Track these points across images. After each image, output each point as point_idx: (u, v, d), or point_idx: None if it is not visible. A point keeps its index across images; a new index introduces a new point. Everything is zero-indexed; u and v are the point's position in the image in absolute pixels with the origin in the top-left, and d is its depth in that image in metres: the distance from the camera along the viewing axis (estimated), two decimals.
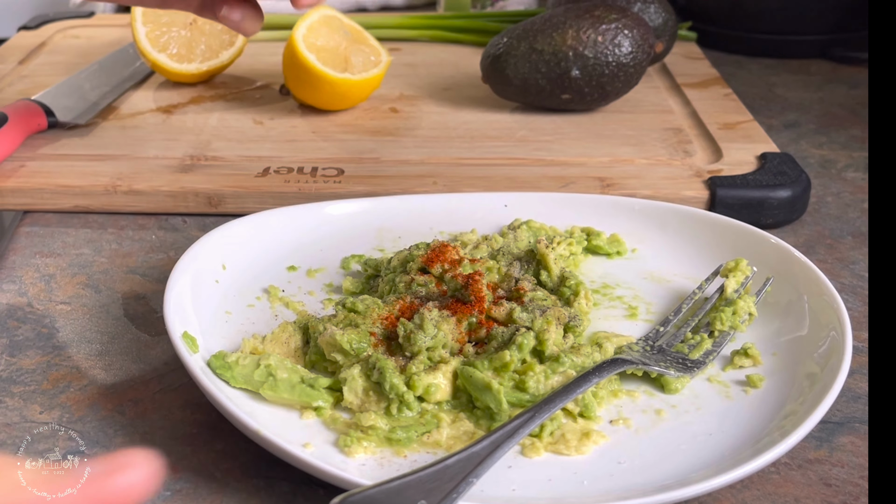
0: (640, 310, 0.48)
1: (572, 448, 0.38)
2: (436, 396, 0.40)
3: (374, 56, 0.71)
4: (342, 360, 0.42)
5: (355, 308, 0.45)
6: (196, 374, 0.39)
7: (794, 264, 0.47)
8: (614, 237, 0.52)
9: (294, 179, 0.60)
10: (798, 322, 0.45)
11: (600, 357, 0.42)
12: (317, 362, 0.43)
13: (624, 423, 0.40)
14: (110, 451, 0.40)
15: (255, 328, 0.46)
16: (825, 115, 0.76)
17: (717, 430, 0.39)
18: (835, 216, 0.61)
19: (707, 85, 0.77)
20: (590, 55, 0.66)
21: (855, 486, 0.38)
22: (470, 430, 0.39)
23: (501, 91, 0.70)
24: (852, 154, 0.69)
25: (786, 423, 0.38)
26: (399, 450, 0.39)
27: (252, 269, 0.50)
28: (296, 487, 0.38)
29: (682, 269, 0.51)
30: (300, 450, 0.37)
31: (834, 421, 0.42)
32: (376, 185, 0.59)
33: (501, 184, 0.59)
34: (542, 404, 0.38)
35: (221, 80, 0.78)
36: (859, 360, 0.46)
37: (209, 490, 0.38)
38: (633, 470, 0.37)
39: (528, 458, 0.38)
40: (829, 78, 0.84)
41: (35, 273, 0.53)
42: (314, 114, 0.71)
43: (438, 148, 0.65)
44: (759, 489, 0.38)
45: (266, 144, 0.66)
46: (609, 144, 0.65)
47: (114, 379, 0.44)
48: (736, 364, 0.43)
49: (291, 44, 0.68)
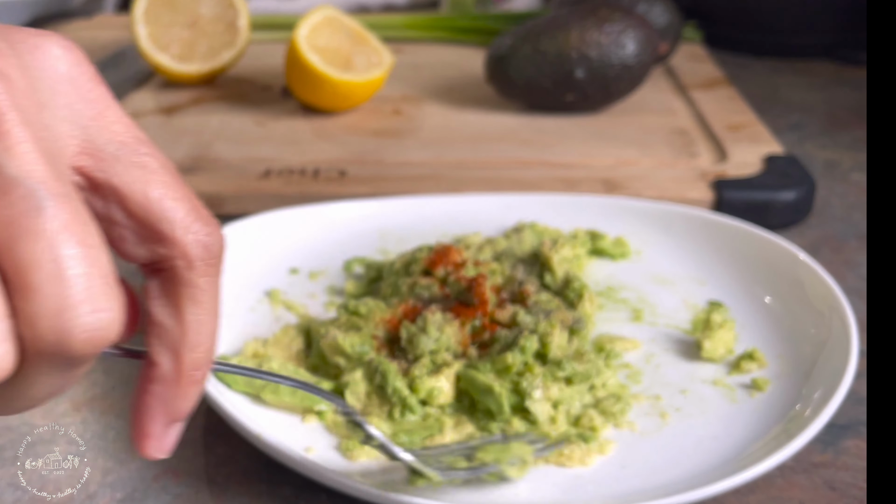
0: (645, 312, 0.47)
1: (576, 461, 0.38)
2: (438, 400, 0.40)
3: (376, 57, 0.71)
4: (344, 364, 0.42)
5: (357, 311, 0.44)
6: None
7: (799, 267, 0.47)
8: (619, 239, 0.52)
9: (296, 181, 0.60)
10: (803, 325, 0.45)
11: (602, 364, 0.42)
12: (319, 366, 0.43)
13: (629, 426, 0.40)
14: (109, 455, 0.40)
15: (256, 331, 0.46)
16: (830, 117, 0.76)
17: (723, 434, 0.39)
18: (839, 218, 0.60)
19: (712, 86, 0.76)
20: (594, 56, 0.66)
21: (860, 489, 0.38)
22: (473, 434, 0.39)
23: (505, 92, 0.70)
24: (857, 156, 0.69)
25: (791, 426, 0.38)
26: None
27: (253, 272, 0.50)
28: (298, 492, 0.37)
29: (687, 272, 0.50)
30: (302, 454, 0.37)
31: (839, 424, 0.42)
32: (379, 187, 0.59)
33: (505, 185, 0.59)
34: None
35: (223, 80, 0.78)
36: (865, 363, 0.46)
37: (210, 494, 0.37)
38: (637, 474, 0.37)
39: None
40: (834, 79, 0.84)
41: None
42: (316, 115, 0.71)
43: (441, 149, 0.65)
44: (764, 493, 0.38)
45: (268, 146, 0.66)
46: (613, 146, 0.65)
47: (114, 382, 0.44)
48: (742, 368, 0.43)
49: (293, 44, 0.68)
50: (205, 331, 0.28)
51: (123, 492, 0.38)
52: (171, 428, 0.29)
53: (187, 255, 0.27)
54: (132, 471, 0.39)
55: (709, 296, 0.48)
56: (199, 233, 0.27)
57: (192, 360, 0.28)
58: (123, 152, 0.26)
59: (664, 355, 0.44)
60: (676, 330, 0.46)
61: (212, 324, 0.28)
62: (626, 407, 0.40)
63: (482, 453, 0.36)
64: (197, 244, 0.27)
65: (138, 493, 0.38)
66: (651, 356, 0.44)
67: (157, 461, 0.39)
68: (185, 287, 0.27)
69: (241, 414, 0.38)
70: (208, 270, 0.28)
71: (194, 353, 0.28)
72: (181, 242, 0.27)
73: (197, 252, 0.27)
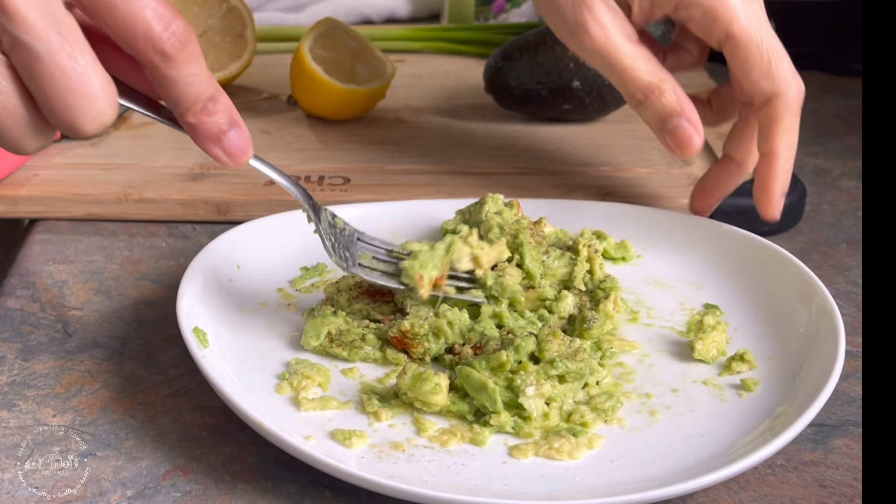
0: (642, 314, 0.49)
1: (565, 454, 0.39)
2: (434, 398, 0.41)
3: (379, 67, 0.72)
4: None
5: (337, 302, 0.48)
6: (204, 368, 0.40)
7: (790, 270, 0.48)
8: (623, 243, 0.53)
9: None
10: (794, 326, 0.46)
11: (597, 363, 0.43)
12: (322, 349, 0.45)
13: (618, 423, 0.41)
14: (121, 453, 0.41)
15: (267, 323, 0.47)
16: (820, 125, 0.77)
17: (710, 431, 0.40)
18: (829, 223, 0.61)
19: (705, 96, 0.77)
20: (590, 67, 0.67)
21: (849, 487, 0.39)
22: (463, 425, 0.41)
23: (503, 102, 0.71)
24: (847, 163, 0.70)
25: (777, 423, 0.39)
26: (398, 444, 0.40)
27: (265, 270, 0.51)
28: (303, 488, 0.38)
29: (683, 275, 0.52)
30: (302, 441, 0.38)
31: (829, 424, 0.42)
32: (381, 194, 0.60)
33: (504, 192, 0.60)
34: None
35: (230, 90, 0.79)
36: (854, 365, 0.47)
37: (218, 491, 0.38)
38: (624, 468, 0.38)
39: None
40: (824, 89, 0.85)
41: (48, 279, 0.54)
42: (321, 124, 0.72)
43: (442, 157, 0.66)
44: (756, 490, 0.39)
45: (274, 153, 0.67)
46: (609, 154, 0.66)
47: (125, 383, 0.45)
48: (732, 369, 0.44)
49: (299, 55, 0.69)
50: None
51: (134, 489, 0.38)
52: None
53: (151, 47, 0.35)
54: (143, 469, 0.40)
55: (705, 299, 0.49)
56: (166, 29, 0.35)
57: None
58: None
59: (658, 356, 0.45)
60: (671, 331, 0.47)
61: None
62: (617, 404, 0.41)
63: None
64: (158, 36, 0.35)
65: (149, 490, 0.38)
66: (645, 356, 0.45)
67: (168, 459, 0.40)
68: (158, 75, 0.36)
69: (244, 404, 0.39)
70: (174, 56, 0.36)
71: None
72: (141, 37, 0.35)
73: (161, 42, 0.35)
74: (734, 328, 0.47)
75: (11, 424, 0.42)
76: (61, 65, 0.33)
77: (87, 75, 0.34)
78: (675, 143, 0.49)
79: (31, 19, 0.33)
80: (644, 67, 0.49)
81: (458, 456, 0.39)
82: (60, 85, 0.34)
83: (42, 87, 0.34)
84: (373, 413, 0.41)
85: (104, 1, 0.34)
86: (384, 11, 0.99)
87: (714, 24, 0.48)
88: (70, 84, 0.34)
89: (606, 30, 0.48)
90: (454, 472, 0.38)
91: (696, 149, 0.49)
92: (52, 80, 0.34)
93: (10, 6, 0.32)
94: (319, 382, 0.43)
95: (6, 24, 0.33)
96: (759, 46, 0.48)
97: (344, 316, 0.47)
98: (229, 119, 0.38)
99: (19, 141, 0.36)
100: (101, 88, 0.35)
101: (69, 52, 0.34)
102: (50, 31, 0.33)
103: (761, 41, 0.48)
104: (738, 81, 0.50)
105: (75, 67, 0.34)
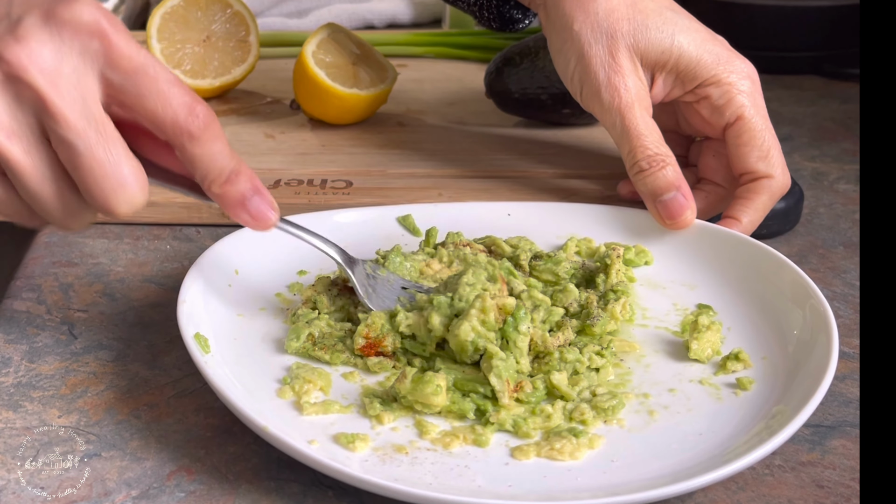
0: (637, 315, 0.49)
1: (566, 454, 0.39)
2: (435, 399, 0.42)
3: (381, 72, 0.72)
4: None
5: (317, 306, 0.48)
6: (207, 373, 0.41)
7: (785, 273, 0.49)
8: (638, 248, 0.53)
9: (304, 191, 0.62)
10: (789, 327, 0.46)
11: (586, 360, 0.44)
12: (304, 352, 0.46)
13: (618, 423, 0.41)
14: (126, 453, 0.41)
15: (268, 326, 0.47)
16: (817, 129, 0.78)
17: (707, 430, 0.40)
18: (827, 227, 0.62)
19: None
20: None
21: (846, 487, 0.39)
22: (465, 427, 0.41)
23: (504, 106, 0.72)
24: (844, 167, 0.71)
25: (773, 422, 0.39)
26: (400, 447, 0.40)
27: (263, 274, 0.51)
28: (305, 489, 0.39)
29: (679, 277, 0.52)
30: (306, 445, 0.38)
31: (826, 425, 0.43)
32: (383, 197, 0.61)
33: (504, 196, 0.61)
34: None
35: (234, 95, 0.80)
36: (851, 366, 0.47)
37: (222, 491, 0.39)
38: (625, 467, 0.39)
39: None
40: (822, 93, 0.85)
41: (54, 282, 0.54)
42: (324, 128, 0.72)
43: (444, 161, 0.67)
44: (754, 490, 0.39)
45: (277, 157, 0.67)
46: (609, 158, 0.67)
47: (129, 384, 0.45)
48: (728, 369, 0.44)
49: (301, 60, 0.70)
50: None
51: (139, 489, 0.39)
52: None
53: (175, 130, 0.40)
54: (147, 469, 0.40)
55: (698, 299, 0.50)
56: (184, 115, 0.40)
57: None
58: (130, 81, 0.40)
59: (654, 356, 0.46)
60: (666, 332, 0.48)
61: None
62: (619, 404, 0.42)
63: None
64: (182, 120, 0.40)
65: (153, 490, 0.39)
66: (641, 356, 0.46)
67: (172, 460, 0.41)
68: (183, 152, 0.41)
69: (247, 408, 0.39)
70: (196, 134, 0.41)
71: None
72: (170, 124, 0.40)
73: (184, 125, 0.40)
74: (727, 328, 0.47)
75: (17, 425, 0.42)
76: (98, 157, 0.39)
77: (119, 164, 0.39)
78: (667, 213, 0.53)
79: (73, 119, 0.38)
80: (654, 139, 0.54)
81: (460, 458, 0.39)
82: (97, 174, 0.39)
83: (82, 177, 0.39)
84: (375, 416, 0.41)
85: (138, 97, 0.40)
86: (386, 17, 1.00)
87: (728, 106, 0.54)
88: (105, 173, 0.39)
89: (631, 95, 0.54)
90: (457, 474, 0.38)
91: (687, 222, 0.53)
92: (90, 170, 0.39)
93: (55, 109, 0.38)
94: (321, 386, 0.43)
95: (52, 125, 0.38)
96: (763, 133, 0.54)
97: (327, 319, 0.47)
98: (252, 187, 0.43)
99: (66, 221, 0.41)
100: (132, 175, 0.40)
101: (104, 147, 0.39)
102: (88, 129, 0.38)
103: (764, 129, 0.54)
104: (734, 160, 0.55)
105: (109, 159, 0.39)
